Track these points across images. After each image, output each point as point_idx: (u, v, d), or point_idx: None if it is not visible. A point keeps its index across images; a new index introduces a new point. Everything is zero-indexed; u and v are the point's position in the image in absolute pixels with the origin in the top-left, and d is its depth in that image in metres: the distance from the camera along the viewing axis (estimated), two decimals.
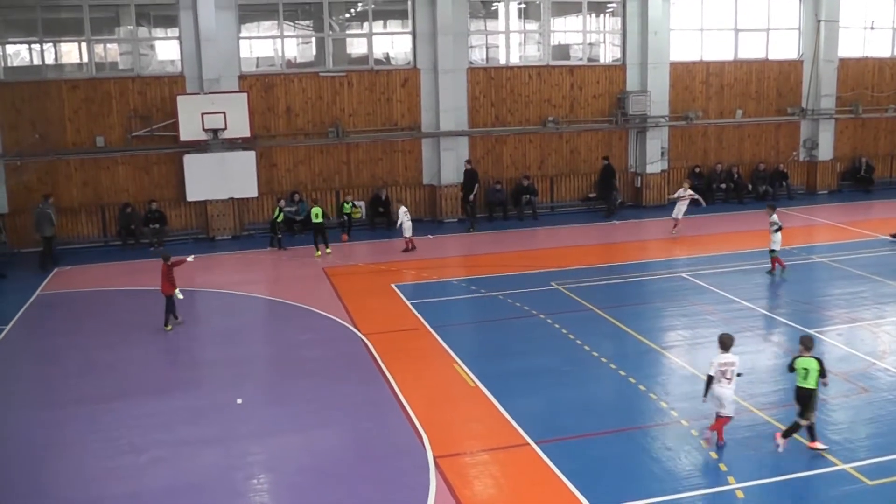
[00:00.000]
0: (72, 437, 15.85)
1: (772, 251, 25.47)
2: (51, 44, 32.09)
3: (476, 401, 16.89)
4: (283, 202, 31.30)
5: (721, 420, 14.57)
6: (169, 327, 21.62)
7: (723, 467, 13.87)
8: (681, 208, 31.40)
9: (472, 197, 33.60)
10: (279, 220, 30.65)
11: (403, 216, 28.84)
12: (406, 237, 28.99)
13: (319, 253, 28.82)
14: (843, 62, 39.63)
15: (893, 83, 40.84)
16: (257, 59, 33.93)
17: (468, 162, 34.19)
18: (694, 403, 16.38)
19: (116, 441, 15.53)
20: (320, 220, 29.06)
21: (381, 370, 18.58)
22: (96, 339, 21.25)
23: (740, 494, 13.01)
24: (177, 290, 21.75)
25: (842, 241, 29.97)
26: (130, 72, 31.72)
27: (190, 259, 22.80)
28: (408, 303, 23.44)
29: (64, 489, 13.99)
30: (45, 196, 29.63)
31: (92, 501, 13.50)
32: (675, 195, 32.46)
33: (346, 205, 32.26)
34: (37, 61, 31.84)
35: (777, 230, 25.47)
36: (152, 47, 33.29)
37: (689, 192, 31.67)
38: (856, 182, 40.39)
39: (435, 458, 14.44)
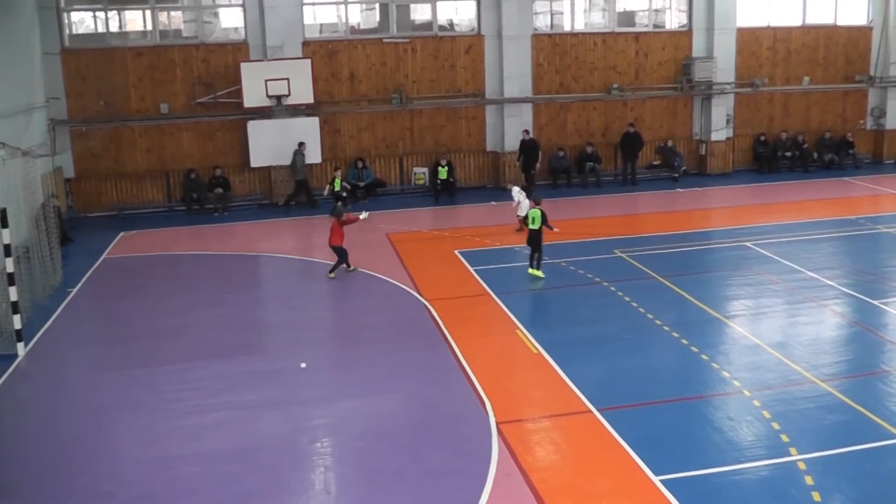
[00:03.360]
0: (137, 398, 16.18)
1: None
2: (115, 11, 32.55)
3: (538, 368, 16.98)
4: (338, 172, 31.40)
5: None
6: (332, 274, 22.99)
7: (784, 438, 13.81)
8: None
9: (533, 170, 33.52)
10: (336, 189, 30.81)
11: (519, 195, 27.68)
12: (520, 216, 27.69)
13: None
14: None
15: None
16: (321, 25, 34.10)
17: (526, 132, 34.08)
18: (756, 374, 16.37)
19: (181, 403, 15.83)
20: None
21: (444, 336, 18.72)
22: (161, 303, 21.65)
23: (802, 466, 12.96)
24: (364, 214, 23.50)
25: None
26: (194, 39, 32.11)
27: (364, 216, 23.35)
28: (471, 269, 23.57)
29: (130, 448, 14.30)
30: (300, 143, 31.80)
31: (158, 460, 13.77)
32: None
33: (335, 181, 31.27)
34: (101, 29, 32.39)
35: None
36: (216, 15, 33.62)
37: None
38: None
39: (497, 424, 14.53)
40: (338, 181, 30.61)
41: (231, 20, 33.20)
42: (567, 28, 35.50)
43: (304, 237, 28.23)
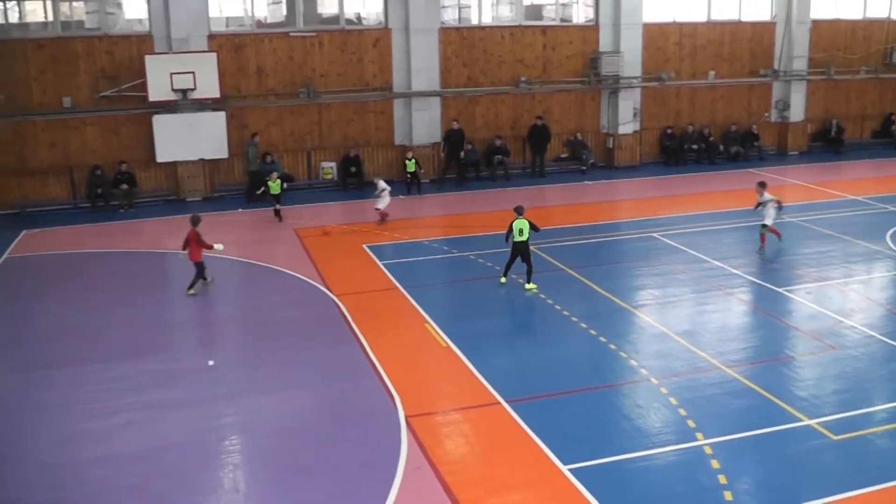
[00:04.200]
0: (44, 400, 15.71)
1: (764, 226, 23.88)
2: (14, 1, 31.48)
3: (448, 361, 16.92)
4: (274, 173, 29.46)
5: None
6: (192, 290, 21.34)
7: (691, 424, 13.97)
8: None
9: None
10: (276, 191, 29.03)
11: (382, 189, 27.83)
12: (380, 208, 28.04)
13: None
14: (816, 24, 39.69)
15: (865, 45, 40.96)
16: (227, 18, 33.49)
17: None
18: (664, 362, 16.54)
19: (89, 404, 15.43)
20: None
21: (352, 331, 18.54)
22: (66, 303, 21.07)
23: (708, 450, 13.13)
24: (216, 245, 21.70)
25: (812, 202, 30.15)
26: (97, 31, 31.24)
27: (218, 247, 21.93)
28: (379, 263, 23.40)
29: (37, 453, 13.88)
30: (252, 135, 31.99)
31: (66, 464, 13.42)
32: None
33: (272, 183, 28.96)
34: (0, 20, 31.34)
35: (769, 203, 23.87)
36: (119, 6, 32.71)
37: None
38: (826, 143, 40.64)
39: (407, 417, 14.45)
40: (276, 183, 28.63)
41: (135, 11, 32.37)
42: (475, 21, 35.44)
43: (211, 233, 27.57)
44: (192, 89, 30.23)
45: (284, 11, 33.69)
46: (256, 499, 12.50)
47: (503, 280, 21.09)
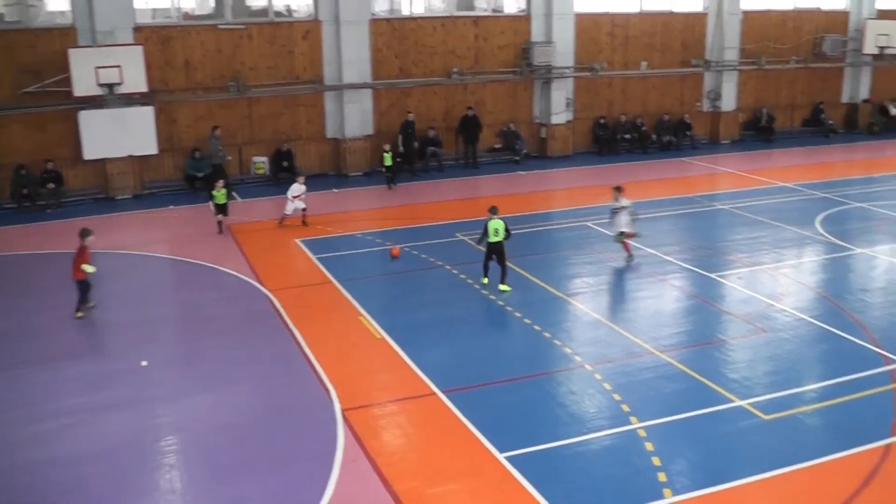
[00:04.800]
0: None
1: (621, 233, 22.26)
2: None
3: (383, 353, 16.85)
4: (221, 181, 26.69)
5: None
6: (80, 314, 19.57)
7: (625, 408, 14.07)
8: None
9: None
10: (221, 202, 26.79)
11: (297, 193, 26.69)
12: (287, 213, 26.76)
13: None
14: (747, 15, 40.29)
15: (795, 35, 41.62)
16: (153, 10, 32.86)
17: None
18: (598, 348, 16.63)
19: (21, 409, 15.09)
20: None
21: (287, 326, 18.37)
22: None
23: (642, 433, 13.23)
24: (88, 267, 19.30)
25: (743, 189, 30.59)
26: (18, 24, 30.40)
27: (90, 270, 19.44)
28: (313, 257, 23.20)
29: None
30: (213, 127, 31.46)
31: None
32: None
33: (218, 192, 26.10)
34: None
35: (623, 211, 22.36)
36: None
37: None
38: (757, 132, 41.29)
39: (343, 410, 14.36)
40: (222, 192, 25.98)
41: (57, 3, 31.65)
42: (406, 13, 35.28)
43: (143, 231, 27.27)
44: (119, 84, 29.60)
45: (212, 3, 33.16)
46: (194, 498, 12.35)
47: (485, 280, 20.66)
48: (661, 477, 12.02)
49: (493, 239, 20.29)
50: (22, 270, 23.55)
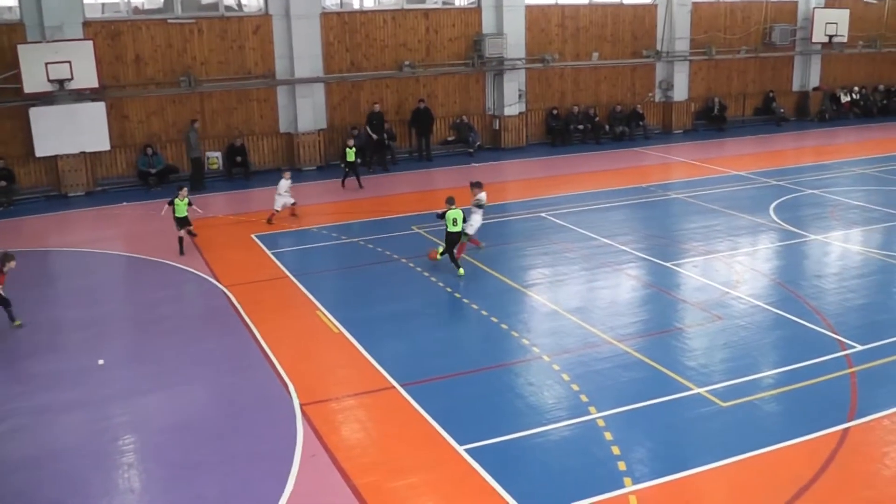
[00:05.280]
0: None
1: (465, 235, 21.27)
2: None
3: (340, 347, 16.78)
4: (184, 190, 24.25)
5: None
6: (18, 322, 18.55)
7: (584, 398, 14.11)
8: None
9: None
10: (181, 214, 24.88)
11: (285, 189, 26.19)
12: (277, 209, 26.30)
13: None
14: (696, 6, 40.72)
15: (745, 25, 42.08)
16: (102, 4, 32.48)
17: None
18: (555, 339, 16.69)
19: None
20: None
21: (244, 322, 18.24)
22: None
23: (601, 423, 13.28)
24: None
25: (697, 178, 30.86)
26: None
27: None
28: (268, 252, 23.09)
29: None
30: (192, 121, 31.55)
31: None
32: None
33: (179, 203, 23.41)
34: None
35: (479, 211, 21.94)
36: None
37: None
38: (710, 121, 41.70)
39: (301, 406, 14.29)
40: (183, 203, 23.34)
41: None
42: (356, 6, 35.19)
43: (96, 228, 26.98)
44: (69, 79, 29.26)
45: None
46: (152, 497, 12.21)
47: (461, 272, 20.59)
48: (621, 466, 12.07)
49: (451, 229, 20.42)
50: None
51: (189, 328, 18.33)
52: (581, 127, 38.53)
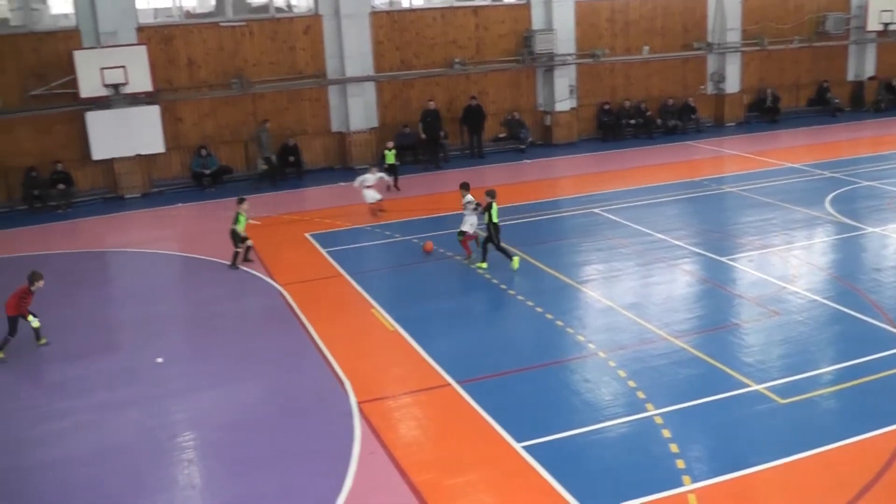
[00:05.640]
0: None
1: (462, 233, 21.74)
2: None
3: (396, 345, 16.87)
4: (244, 204, 23.35)
5: None
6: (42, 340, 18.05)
7: (640, 395, 14.06)
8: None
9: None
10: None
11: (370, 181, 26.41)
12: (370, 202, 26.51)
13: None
14: None
15: (797, 14, 41.42)
16: (154, 10, 33.00)
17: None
18: (610, 335, 16.63)
19: (36, 408, 15.17)
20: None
21: (299, 320, 18.40)
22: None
23: (659, 420, 13.22)
24: (31, 317, 17.62)
25: (750, 171, 30.51)
26: (23, 28, 30.53)
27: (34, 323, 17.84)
28: (323, 251, 23.24)
29: None
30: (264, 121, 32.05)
31: (14, 469, 13.19)
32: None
33: (240, 218, 22.56)
34: None
35: (475, 210, 21.69)
36: (43, 1, 32.09)
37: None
38: (762, 113, 41.09)
39: (358, 403, 14.38)
40: (243, 220, 22.50)
41: (60, 6, 31.74)
42: (405, 4, 35.28)
43: (152, 229, 27.36)
44: (124, 84, 29.70)
45: (213, 1, 33.23)
46: (212, 493, 12.39)
47: (516, 264, 20.83)
48: (680, 464, 12.00)
49: (495, 220, 20.74)
50: (38, 270, 23.52)
51: (245, 326, 18.54)
52: (633, 121, 38.27)
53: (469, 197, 21.87)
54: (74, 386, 15.96)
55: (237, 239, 22.29)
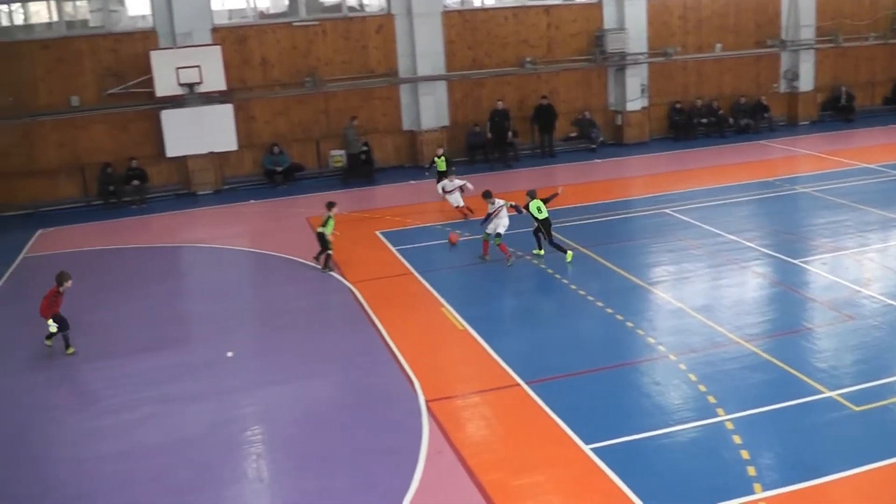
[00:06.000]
0: (61, 398, 15.84)
1: (498, 235, 21.80)
2: (19, 3, 31.60)
3: (465, 343, 16.92)
4: (334, 209, 23.26)
5: None
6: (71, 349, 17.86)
7: (711, 399, 13.93)
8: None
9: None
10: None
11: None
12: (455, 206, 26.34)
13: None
14: None
15: (872, 11, 40.61)
16: (229, 11, 33.58)
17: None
18: (681, 337, 16.51)
19: (108, 400, 15.50)
20: None
21: (369, 318, 18.55)
22: (83, 300, 20.97)
23: (730, 426, 13.09)
24: (50, 321, 17.56)
25: (824, 171, 30.01)
26: (101, 29, 31.28)
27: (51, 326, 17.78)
28: (393, 249, 23.39)
29: (59, 449, 13.99)
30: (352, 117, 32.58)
31: (87, 459, 13.50)
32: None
33: (329, 222, 22.44)
34: (6, 22, 31.48)
35: (514, 208, 22.09)
36: (122, 3, 32.81)
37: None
38: (837, 111, 40.35)
39: (427, 402, 14.46)
40: (330, 225, 22.16)
41: (138, 8, 32.43)
42: (477, 3, 35.35)
43: (224, 225, 27.77)
44: (199, 83, 30.24)
45: (286, 1, 33.64)
46: (280, 488, 12.57)
47: (540, 252, 21.87)
48: (751, 471, 11.85)
49: (538, 216, 21.43)
50: (109, 265, 24.22)
51: (315, 323, 18.73)
52: (704, 120, 37.88)
53: (499, 201, 22.06)
54: (145, 379, 16.27)
55: (325, 243, 22.05)
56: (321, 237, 22.05)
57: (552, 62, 35.86)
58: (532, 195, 21.70)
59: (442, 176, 28.22)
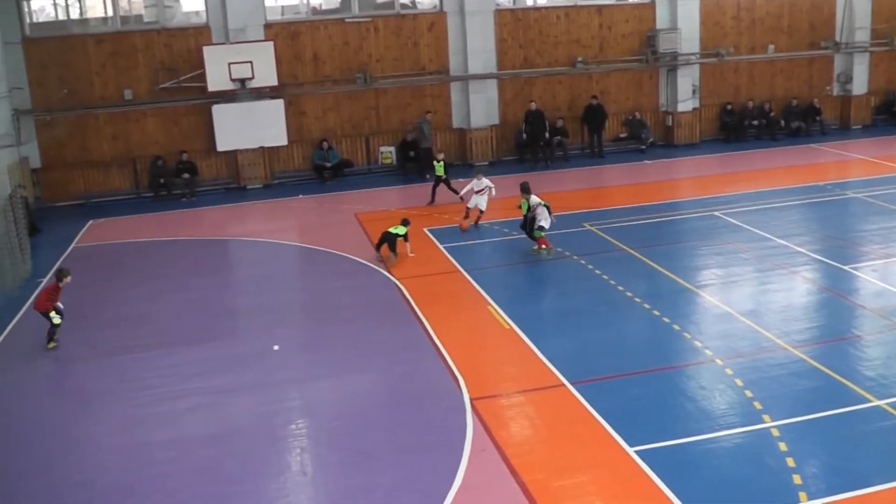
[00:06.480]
0: (109, 386, 16.04)
1: (541, 228, 22.06)
2: None
3: (511, 342, 16.95)
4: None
5: None
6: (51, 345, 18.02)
7: (757, 405, 13.82)
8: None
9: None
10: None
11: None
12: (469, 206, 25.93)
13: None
14: None
15: None
16: (282, 7, 33.84)
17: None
18: (728, 342, 16.40)
19: (154, 389, 15.72)
20: None
21: (415, 314, 18.63)
22: (132, 290, 21.42)
23: (775, 432, 12.98)
24: (53, 313, 17.84)
25: (876, 176, 29.60)
26: (155, 24, 31.74)
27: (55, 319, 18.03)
28: (441, 246, 23.47)
29: (105, 436, 14.20)
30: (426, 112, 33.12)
31: (133, 447, 13.70)
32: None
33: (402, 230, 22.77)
34: (62, 16, 32.12)
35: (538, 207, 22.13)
36: None
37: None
38: (890, 116, 39.80)
39: (471, 400, 14.49)
40: (402, 229, 22.54)
41: (192, 4, 32.85)
42: (529, 2, 35.31)
43: (272, 219, 28.00)
44: (250, 78, 30.56)
45: None
46: (324, 481, 12.67)
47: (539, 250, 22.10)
48: (797, 479, 11.73)
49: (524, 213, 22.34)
50: (160, 256, 24.55)
51: (362, 318, 18.81)
52: (756, 122, 37.55)
53: (535, 199, 22.20)
54: (191, 370, 16.49)
55: (394, 245, 22.15)
56: (390, 239, 22.14)
57: (603, 62, 35.77)
58: (526, 189, 22.40)
59: (440, 181, 28.37)
